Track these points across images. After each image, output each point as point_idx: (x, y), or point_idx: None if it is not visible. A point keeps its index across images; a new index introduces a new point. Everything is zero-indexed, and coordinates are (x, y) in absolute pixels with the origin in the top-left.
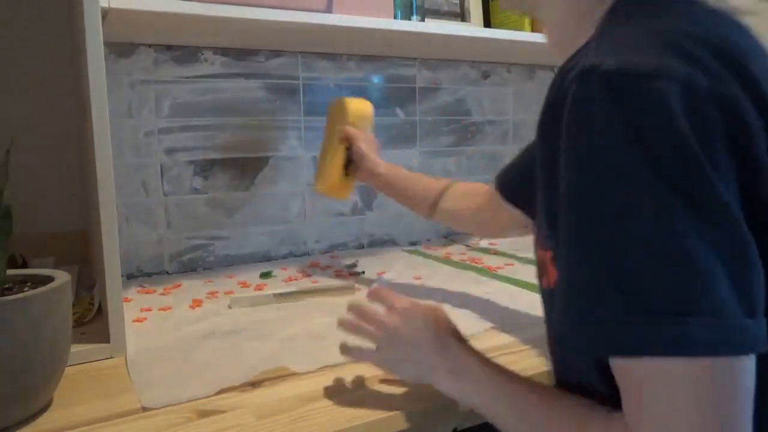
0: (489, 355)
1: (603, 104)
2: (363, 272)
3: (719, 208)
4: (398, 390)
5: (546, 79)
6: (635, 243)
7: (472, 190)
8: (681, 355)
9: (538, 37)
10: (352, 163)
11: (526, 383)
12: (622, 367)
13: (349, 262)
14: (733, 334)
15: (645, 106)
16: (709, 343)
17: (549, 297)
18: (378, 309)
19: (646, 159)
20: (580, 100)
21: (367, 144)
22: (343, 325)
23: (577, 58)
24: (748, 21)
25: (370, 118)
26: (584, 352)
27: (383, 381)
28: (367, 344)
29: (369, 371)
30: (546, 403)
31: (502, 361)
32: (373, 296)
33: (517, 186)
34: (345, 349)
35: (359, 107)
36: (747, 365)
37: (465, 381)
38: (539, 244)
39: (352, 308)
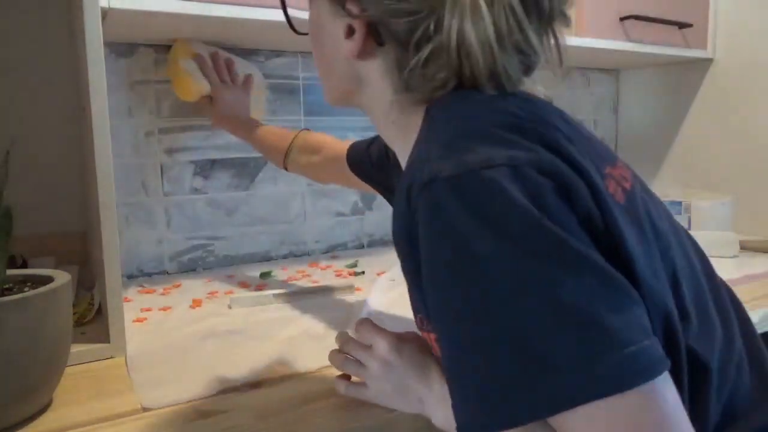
0: None
1: (452, 207)
2: (363, 272)
3: (578, 257)
4: None
5: (546, 78)
6: (525, 317)
7: (318, 143)
8: (601, 396)
9: None
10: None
11: None
12: (560, 424)
13: (349, 262)
14: (641, 359)
15: (487, 196)
16: (623, 376)
17: None
18: (365, 342)
19: (505, 241)
20: (430, 210)
21: (229, 102)
22: (331, 360)
23: (411, 170)
24: None
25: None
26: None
27: None
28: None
29: None
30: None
31: None
32: (359, 330)
33: (368, 170)
34: (337, 383)
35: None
36: (664, 381)
37: (445, 413)
38: (419, 326)
39: (339, 340)
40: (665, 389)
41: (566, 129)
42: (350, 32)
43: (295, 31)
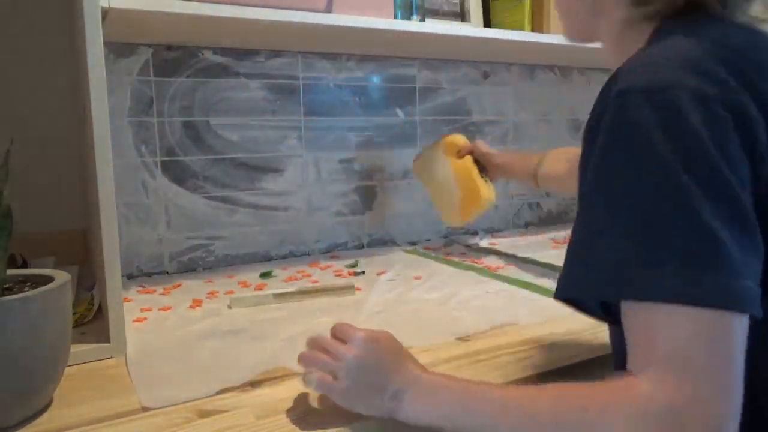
0: (489, 354)
1: (635, 112)
2: (363, 272)
3: (727, 186)
4: None
5: (546, 79)
6: (660, 212)
7: (568, 154)
8: (693, 304)
9: (539, 37)
10: (483, 169)
11: (497, 386)
12: (637, 312)
13: (349, 262)
14: (737, 291)
15: (665, 112)
16: (717, 296)
17: None
18: (342, 336)
19: (670, 150)
20: (619, 110)
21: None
22: (300, 359)
23: (617, 76)
24: None
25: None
26: (602, 295)
27: None
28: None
29: None
30: (528, 396)
31: (502, 360)
32: (336, 328)
33: None
34: (307, 379)
35: (453, 140)
36: (744, 323)
37: (432, 401)
38: None
39: (311, 342)
40: (742, 329)
41: None
42: None
43: None
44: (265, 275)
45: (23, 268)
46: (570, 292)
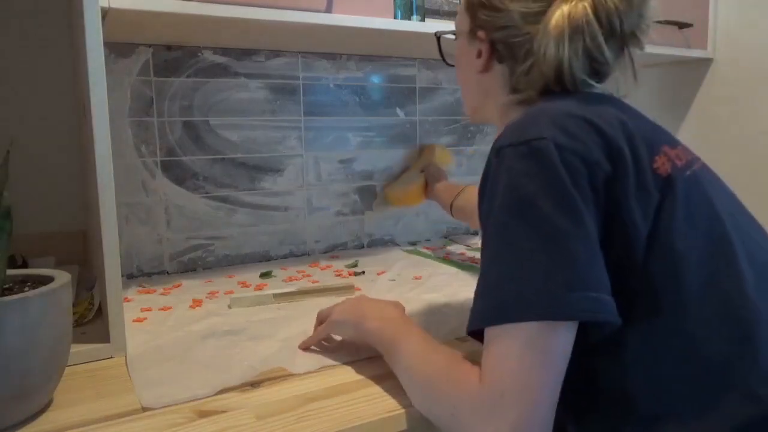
0: None
1: (510, 162)
2: (363, 272)
3: (571, 225)
4: (398, 390)
5: None
6: (532, 248)
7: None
8: (499, 323)
9: None
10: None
11: (411, 344)
12: (485, 336)
13: (349, 262)
14: (552, 301)
15: (534, 158)
16: (529, 310)
17: None
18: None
19: (540, 194)
20: (498, 163)
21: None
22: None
23: (496, 140)
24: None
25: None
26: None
27: (383, 381)
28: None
29: (368, 371)
30: (422, 350)
31: None
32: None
33: None
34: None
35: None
36: (562, 331)
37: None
38: None
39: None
40: (560, 337)
41: (624, 117)
42: (479, 54)
43: (447, 63)
44: (265, 275)
45: (23, 268)
46: (473, 324)
